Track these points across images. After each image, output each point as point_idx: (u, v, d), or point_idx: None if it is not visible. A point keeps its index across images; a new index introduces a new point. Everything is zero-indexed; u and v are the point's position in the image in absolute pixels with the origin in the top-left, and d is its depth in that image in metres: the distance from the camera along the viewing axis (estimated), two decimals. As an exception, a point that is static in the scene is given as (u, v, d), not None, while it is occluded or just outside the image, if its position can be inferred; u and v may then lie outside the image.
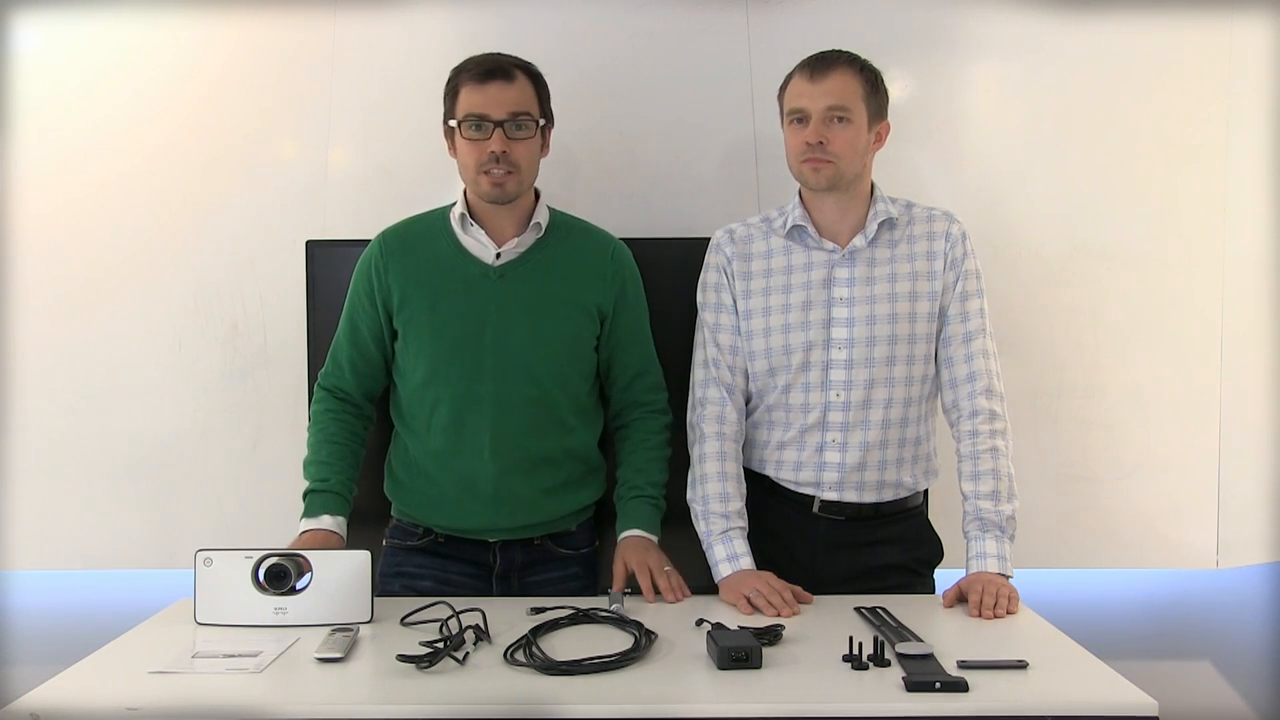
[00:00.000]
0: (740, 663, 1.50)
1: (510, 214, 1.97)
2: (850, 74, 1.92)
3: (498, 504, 1.97)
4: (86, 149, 2.42)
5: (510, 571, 2.02)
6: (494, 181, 1.91)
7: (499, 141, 1.90)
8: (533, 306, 1.96)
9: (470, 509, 1.97)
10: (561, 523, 2.03)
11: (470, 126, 1.91)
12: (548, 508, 2.00)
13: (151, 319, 2.44)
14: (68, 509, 2.44)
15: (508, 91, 1.91)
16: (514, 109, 1.91)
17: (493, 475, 1.95)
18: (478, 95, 1.91)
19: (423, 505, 2.02)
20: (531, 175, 1.97)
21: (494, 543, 2.01)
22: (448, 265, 1.97)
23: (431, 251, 1.98)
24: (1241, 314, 2.44)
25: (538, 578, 2.03)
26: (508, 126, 1.90)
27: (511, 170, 1.91)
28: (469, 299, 1.95)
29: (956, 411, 1.98)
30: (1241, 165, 2.42)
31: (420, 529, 2.03)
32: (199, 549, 1.73)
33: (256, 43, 2.42)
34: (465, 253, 1.97)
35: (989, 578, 1.84)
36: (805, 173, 1.93)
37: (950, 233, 1.99)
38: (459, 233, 1.98)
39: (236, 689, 1.46)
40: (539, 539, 2.02)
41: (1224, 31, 2.41)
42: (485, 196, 1.94)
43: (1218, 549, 2.47)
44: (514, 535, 2.00)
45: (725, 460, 1.98)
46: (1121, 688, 1.44)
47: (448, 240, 1.99)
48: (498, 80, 1.91)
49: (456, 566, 2.01)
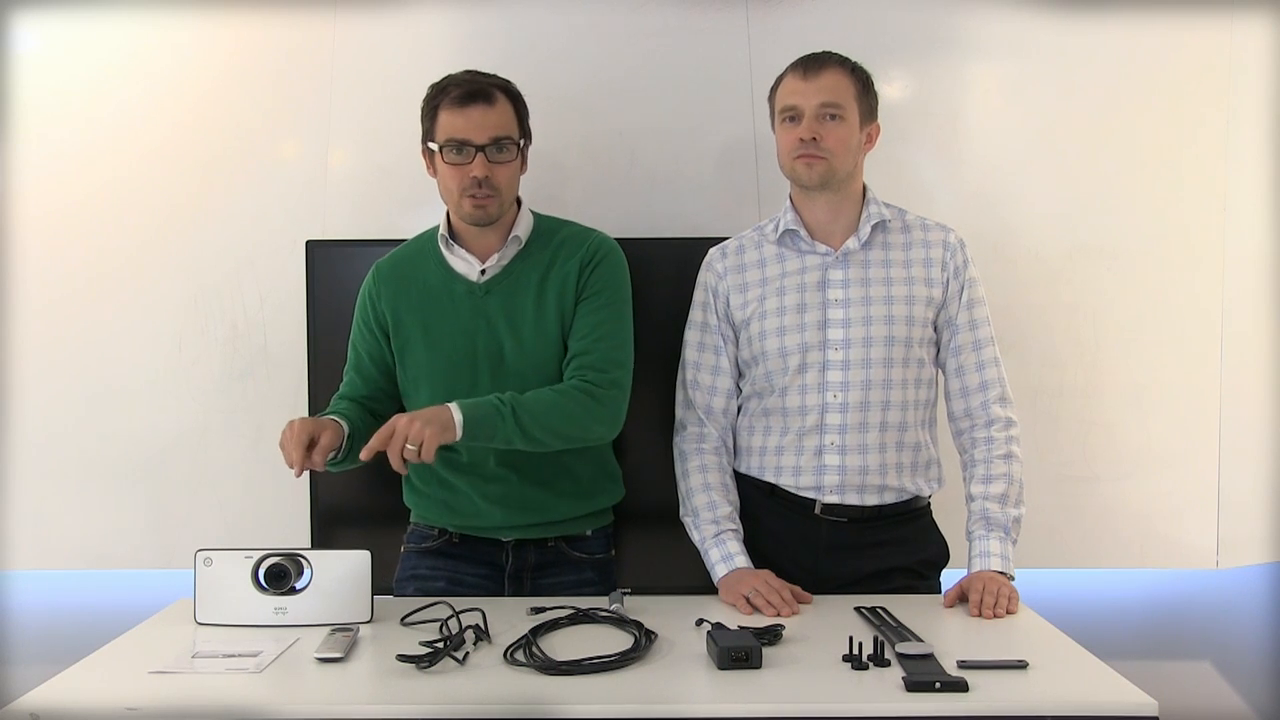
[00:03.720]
0: (740, 663, 1.50)
1: (493, 229, 1.97)
2: (842, 73, 1.93)
3: (507, 508, 1.98)
4: (86, 149, 2.42)
5: (523, 572, 2.02)
6: (476, 204, 1.91)
7: (481, 166, 1.89)
8: (518, 318, 1.96)
9: (484, 510, 1.99)
10: (575, 525, 2.03)
11: (451, 151, 1.90)
12: (559, 509, 2.01)
13: (151, 319, 2.44)
14: (68, 509, 2.44)
15: (489, 115, 1.90)
16: (495, 133, 1.90)
17: (501, 483, 1.97)
18: (459, 119, 1.89)
19: (439, 508, 2.03)
20: (512, 195, 1.97)
21: (507, 542, 2.01)
22: (437, 287, 1.99)
23: (421, 276, 2.00)
24: (1241, 314, 2.44)
25: (550, 580, 2.02)
26: (489, 151, 1.89)
27: (493, 194, 1.91)
28: (458, 317, 1.97)
29: (969, 419, 1.99)
30: (1241, 165, 2.42)
31: (435, 530, 2.04)
32: (199, 549, 1.74)
33: (256, 43, 2.42)
34: (453, 272, 1.99)
35: (990, 576, 1.84)
36: (798, 169, 1.94)
37: (949, 241, 1.99)
38: (445, 254, 1.99)
39: (236, 689, 1.46)
40: (552, 540, 2.02)
41: (1224, 31, 2.41)
42: (468, 219, 1.94)
43: (1218, 549, 2.47)
44: (527, 534, 2.01)
45: (707, 472, 2.01)
46: (1121, 688, 1.44)
47: (436, 262, 2.00)
48: (479, 104, 1.89)
49: (469, 567, 2.02)
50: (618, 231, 2.11)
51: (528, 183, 2.01)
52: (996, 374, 1.99)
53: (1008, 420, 1.98)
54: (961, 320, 1.99)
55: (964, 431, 2.00)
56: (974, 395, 1.98)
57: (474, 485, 1.98)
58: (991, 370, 1.98)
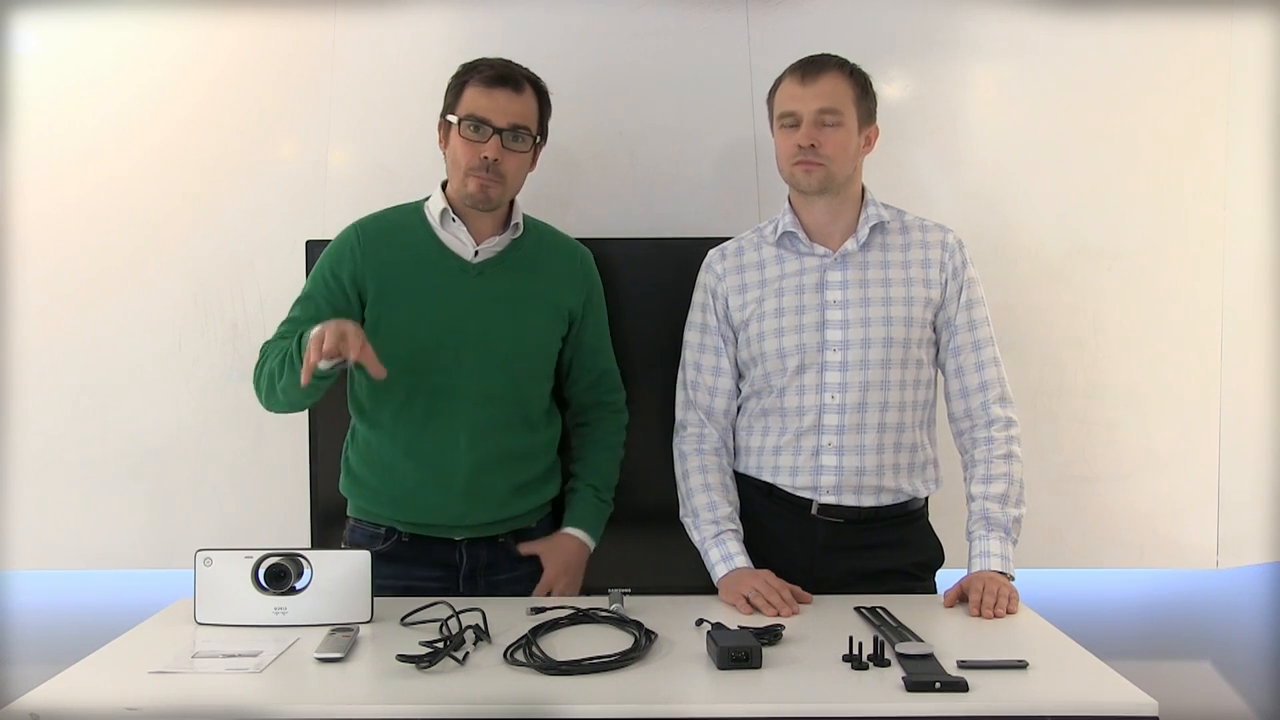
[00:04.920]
0: (740, 663, 1.50)
1: (489, 215, 1.98)
2: (840, 77, 1.93)
3: (470, 498, 1.96)
4: (86, 149, 2.42)
5: (476, 571, 2.01)
6: (481, 185, 1.91)
7: (494, 149, 1.90)
8: (512, 303, 1.97)
9: (440, 504, 1.96)
10: (524, 519, 2.04)
11: (470, 127, 1.91)
12: (515, 504, 2.01)
13: (151, 319, 2.44)
14: (68, 509, 2.44)
15: (514, 101, 1.92)
16: (516, 120, 1.92)
17: (467, 468, 1.95)
18: (484, 98, 1.91)
19: (387, 502, 1.99)
20: (516, 187, 1.98)
21: (460, 541, 1.99)
22: (427, 259, 1.97)
23: (409, 245, 1.98)
24: (1241, 314, 2.44)
25: (502, 576, 2.02)
26: (506, 136, 1.91)
27: (498, 179, 1.92)
28: (448, 293, 1.95)
29: (969, 420, 1.99)
30: (1241, 165, 2.43)
31: (383, 529, 1.99)
32: (199, 549, 1.73)
33: (256, 43, 2.42)
34: (444, 248, 1.97)
35: (990, 576, 1.84)
36: (797, 175, 1.94)
37: (947, 242, 1.99)
38: (437, 228, 1.98)
39: (236, 689, 1.46)
40: (503, 537, 2.02)
41: (1224, 31, 2.41)
42: (468, 199, 1.94)
43: (1218, 549, 2.47)
44: (481, 533, 2.00)
45: (707, 473, 2.01)
46: (1121, 688, 1.44)
47: (425, 235, 1.98)
48: (507, 88, 1.91)
49: (421, 570, 1.98)
50: (618, 231, 2.12)
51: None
52: (996, 374, 1.99)
53: (1008, 420, 1.98)
54: (960, 321, 1.99)
55: (964, 432, 2.00)
56: (974, 395, 1.99)
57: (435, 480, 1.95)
58: (991, 370, 1.98)
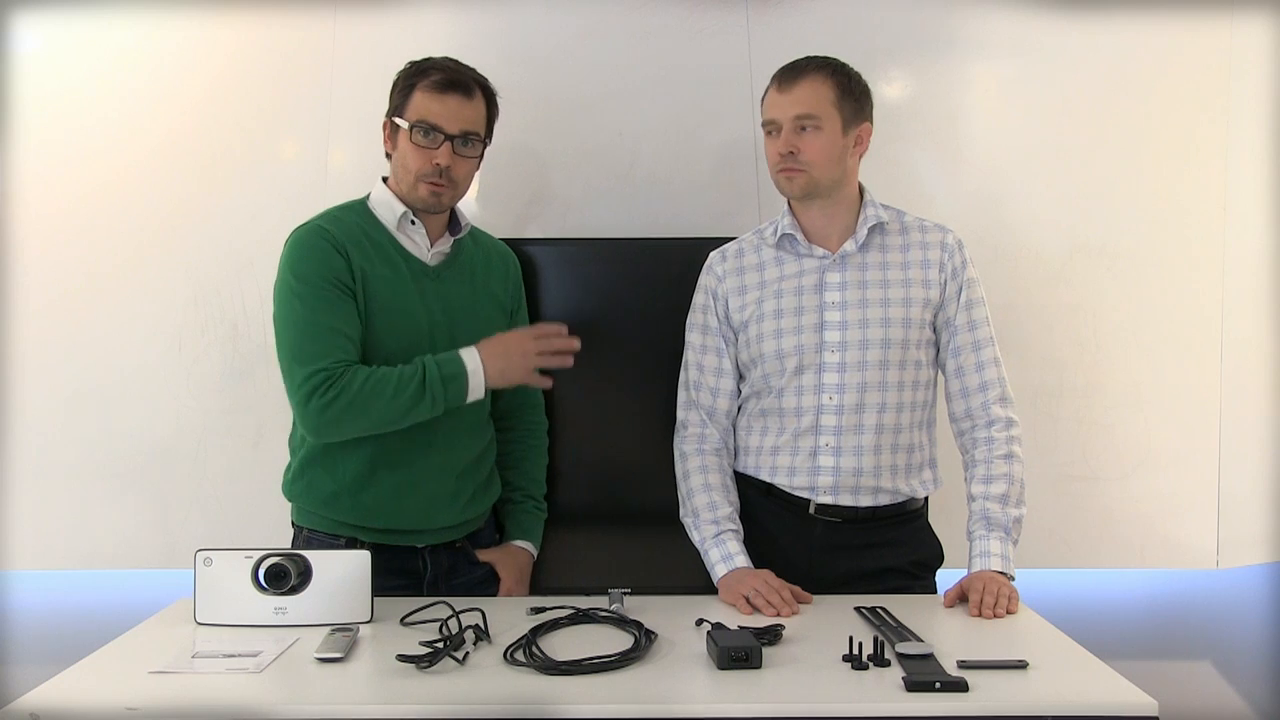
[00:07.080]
0: (740, 663, 1.50)
1: (438, 216, 1.98)
2: (818, 81, 1.92)
3: (438, 503, 1.96)
4: (86, 149, 2.42)
5: (439, 578, 2.00)
6: (433, 191, 1.90)
7: (446, 155, 1.89)
8: (467, 306, 1.98)
9: (411, 510, 1.94)
10: (477, 522, 2.06)
11: (420, 133, 1.89)
12: (474, 506, 2.02)
13: (151, 319, 2.44)
14: (68, 509, 2.44)
15: (465, 107, 1.90)
16: (467, 127, 1.90)
17: (439, 473, 1.95)
18: (435, 104, 1.89)
19: (352, 509, 1.94)
20: (465, 190, 1.98)
21: (423, 549, 1.98)
22: (392, 262, 1.94)
23: (374, 247, 1.93)
24: (1241, 314, 2.44)
25: (461, 580, 2.02)
26: (457, 142, 1.90)
27: (449, 185, 1.91)
28: (414, 297, 1.94)
29: (970, 420, 1.99)
30: (1241, 165, 2.42)
31: (343, 540, 1.94)
32: (199, 549, 1.73)
33: (256, 43, 2.42)
34: (404, 250, 1.96)
35: (990, 576, 1.84)
36: (780, 182, 1.96)
37: (946, 243, 1.99)
38: (395, 232, 1.95)
39: (236, 689, 1.46)
40: (459, 541, 2.03)
41: (1224, 31, 2.41)
42: (419, 204, 1.93)
43: (1218, 549, 2.47)
44: (442, 538, 1.99)
45: (708, 473, 2.01)
46: (1121, 688, 1.44)
47: (385, 237, 1.95)
48: (458, 94, 1.89)
49: (385, 579, 1.83)
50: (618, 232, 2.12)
51: (528, 181, 2.01)
52: (996, 374, 1.99)
53: (1008, 420, 1.98)
54: (960, 321, 1.99)
55: (965, 432, 2.01)
56: (974, 396, 1.99)
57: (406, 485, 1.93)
58: (991, 370, 1.98)
